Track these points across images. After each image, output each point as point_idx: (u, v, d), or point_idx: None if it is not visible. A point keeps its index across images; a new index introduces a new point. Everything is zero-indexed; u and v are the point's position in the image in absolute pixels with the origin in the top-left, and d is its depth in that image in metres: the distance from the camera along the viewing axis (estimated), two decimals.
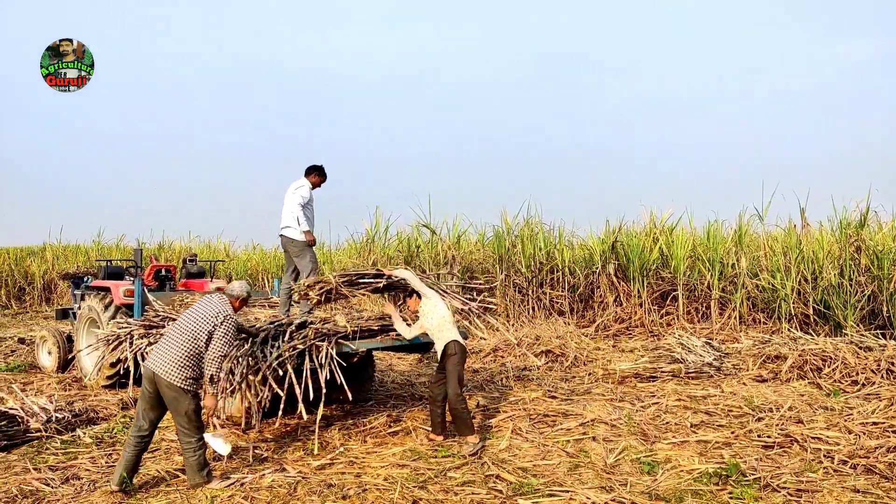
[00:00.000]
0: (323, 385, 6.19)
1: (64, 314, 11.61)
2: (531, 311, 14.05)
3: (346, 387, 6.36)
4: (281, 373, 6.08)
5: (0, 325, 17.58)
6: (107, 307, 9.06)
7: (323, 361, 6.24)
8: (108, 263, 11.47)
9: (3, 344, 13.15)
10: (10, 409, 6.99)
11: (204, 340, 5.21)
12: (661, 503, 5.02)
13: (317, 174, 8.24)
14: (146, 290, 8.82)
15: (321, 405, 6.43)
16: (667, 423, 7.03)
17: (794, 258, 12.27)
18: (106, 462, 6.03)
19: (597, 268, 14.02)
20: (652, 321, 13.00)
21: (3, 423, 6.64)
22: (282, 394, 6.04)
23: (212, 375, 5.12)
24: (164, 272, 10.70)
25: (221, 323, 5.21)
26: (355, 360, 8.41)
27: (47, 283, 23.00)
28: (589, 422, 7.03)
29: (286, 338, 6.37)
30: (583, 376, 9.52)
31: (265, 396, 5.99)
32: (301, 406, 5.98)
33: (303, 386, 6.05)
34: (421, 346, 7.64)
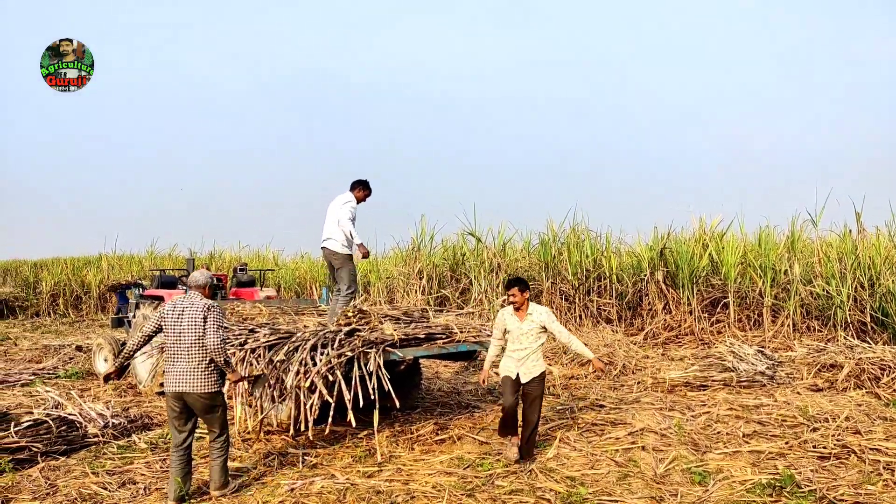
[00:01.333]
0: (374, 393, 6.23)
1: (119, 322, 11.93)
2: (578, 318, 13.93)
3: (393, 394, 6.40)
4: (330, 379, 6.15)
5: (58, 334, 18.14)
6: None
7: (371, 369, 6.29)
8: (162, 273, 11.76)
9: (61, 351, 13.56)
10: (69, 414, 7.23)
11: None
12: None
13: (362, 188, 8.30)
14: None
15: (376, 412, 6.48)
16: (718, 432, 6.90)
17: (849, 264, 11.94)
18: (160, 467, 6.17)
19: (645, 275, 13.82)
20: (702, 329, 12.77)
21: (62, 428, 6.87)
22: (331, 401, 6.11)
23: (224, 361, 5.28)
24: (215, 281, 10.90)
25: (209, 311, 5.29)
26: (402, 367, 8.45)
27: (103, 292, 23.61)
28: (638, 431, 6.95)
29: (335, 345, 6.44)
30: (631, 385, 9.41)
31: (314, 403, 6.07)
32: (350, 414, 6.03)
33: (352, 393, 6.11)
34: (467, 353, 7.65)
